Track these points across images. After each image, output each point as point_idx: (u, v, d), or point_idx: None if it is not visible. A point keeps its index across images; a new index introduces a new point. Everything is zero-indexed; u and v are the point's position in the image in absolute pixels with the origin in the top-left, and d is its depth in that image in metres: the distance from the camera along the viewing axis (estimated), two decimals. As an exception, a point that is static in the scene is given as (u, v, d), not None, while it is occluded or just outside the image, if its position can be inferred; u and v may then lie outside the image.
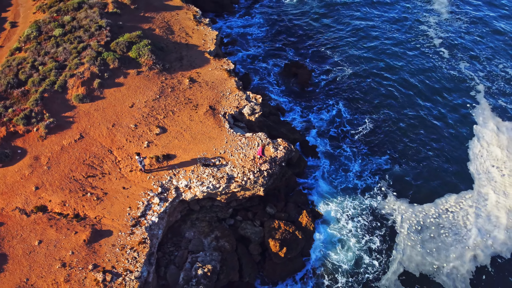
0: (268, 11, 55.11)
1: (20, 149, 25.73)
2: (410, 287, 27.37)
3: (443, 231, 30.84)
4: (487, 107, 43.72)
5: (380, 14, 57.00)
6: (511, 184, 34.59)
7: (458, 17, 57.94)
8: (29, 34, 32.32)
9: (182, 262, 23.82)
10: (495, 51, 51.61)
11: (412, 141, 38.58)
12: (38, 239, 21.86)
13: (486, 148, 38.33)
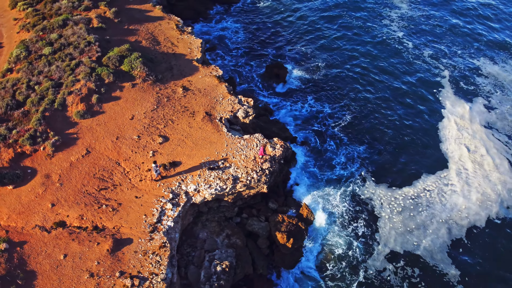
0: (244, 15, 56.83)
1: (29, 168, 26.35)
2: (395, 264, 29.98)
3: (421, 209, 33.75)
4: (451, 90, 47.42)
5: (347, 10, 59.92)
6: (479, 160, 38.16)
7: (418, 7, 61.90)
8: (19, 54, 32.58)
9: (200, 261, 25.35)
10: (453, 39, 55.74)
11: (387, 128, 41.53)
12: (63, 253, 22.79)
13: (455, 129, 41.76)
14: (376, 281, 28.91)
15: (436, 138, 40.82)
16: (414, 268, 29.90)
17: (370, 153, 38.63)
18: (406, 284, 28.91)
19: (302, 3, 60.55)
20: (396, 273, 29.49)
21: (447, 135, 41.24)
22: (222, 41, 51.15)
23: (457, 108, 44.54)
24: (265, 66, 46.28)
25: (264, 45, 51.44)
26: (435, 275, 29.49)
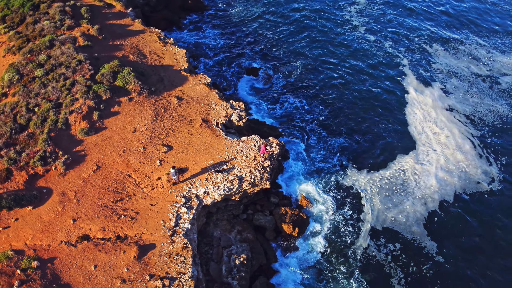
0: (217, 22, 58.65)
1: (45, 188, 27.27)
2: (378, 240, 33.12)
3: (396, 188, 37.28)
4: (413, 77, 51.63)
5: (312, 11, 63.13)
6: (444, 140, 42.17)
7: (374, 2, 66.17)
8: (11, 78, 33.01)
9: (219, 257, 27.34)
10: (409, 28, 60.29)
11: (361, 117, 44.95)
12: (93, 264, 24.09)
13: (420, 113, 45.75)
14: (363, 258, 31.82)
15: (404, 123, 44.63)
16: (395, 243, 33.23)
17: (348, 143, 41.76)
18: (389, 258, 32.07)
19: (269, 7, 63.03)
20: (379, 249, 32.66)
21: (414, 119, 45.14)
22: (201, 48, 52.83)
23: (420, 94, 48.66)
24: (245, 69, 48.50)
25: (242, 49, 53.61)
26: (414, 247, 32.82)
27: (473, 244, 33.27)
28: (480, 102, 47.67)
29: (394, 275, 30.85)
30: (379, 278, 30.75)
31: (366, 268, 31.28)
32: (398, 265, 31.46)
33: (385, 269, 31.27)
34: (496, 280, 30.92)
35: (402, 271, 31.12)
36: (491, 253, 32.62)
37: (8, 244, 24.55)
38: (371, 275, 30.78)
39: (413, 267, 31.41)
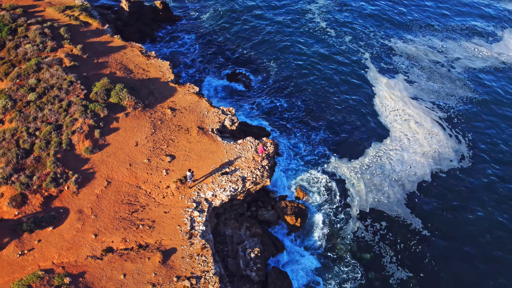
0: (191, 30, 60.19)
1: (61, 208, 28.25)
2: (365, 221, 36.59)
3: (375, 172, 40.95)
4: (375, 69, 55.88)
5: (279, 13, 66.07)
6: (414, 125, 46.41)
7: (333, 3, 70.13)
8: (4, 104, 33.36)
9: (235, 253, 29.48)
10: (365, 23, 64.69)
11: (336, 111, 48.58)
12: (121, 274, 25.55)
13: (390, 102, 49.88)
14: (354, 238, 35.15)
15: (376, 113, 48.58)
16: (381, 221, 36.76)
17: (328, 135, 45.16)
18: (377, 237, 35.51)
19: (238, 13, 65.22)
20: (367, 229, 36.09)
21: (384, 109, 49.15)
22: (178, 58, 54.29)
23: (385, 84, 52.85)
24: (225, 75, 50.60)
25: (219, 55, 55.63)
26: (398, 225, 36.57)
27: (454, 216, 37.35)
28: (442, 86, 52.42)
29: (386, 252, 34.30)
30: (373, 255, 34.10)
31: (362, 247, 34.51)
32: (387, 244, 34.94)
33: (377, 247, 34.66)
34: (478, 243, 35.15)
35: (391, 246, 34.62)
36: (470, 222, 36.84)
37: (36, 265, 25.50)
38: (366, 253, 34.07)
39: (404, 242, 35.02)
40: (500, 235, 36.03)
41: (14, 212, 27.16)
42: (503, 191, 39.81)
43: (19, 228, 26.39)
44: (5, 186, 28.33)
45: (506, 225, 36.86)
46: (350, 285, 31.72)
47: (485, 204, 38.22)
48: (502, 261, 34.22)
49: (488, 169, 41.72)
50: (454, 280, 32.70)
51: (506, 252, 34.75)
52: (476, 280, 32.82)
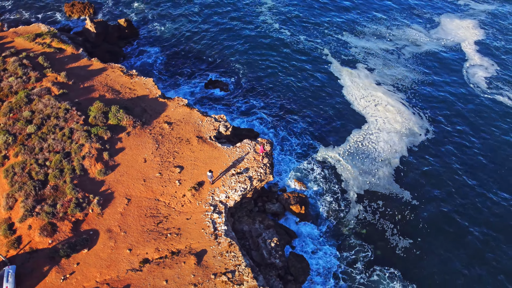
0: (156, 44, 61.42)
1: (90, 230, 29.60)
2: (363, 202, 41.13)
3: (361, 156, 45.75)
4: (337, 62, 60.89)
5: (231, 17, 69.11)
6: (384, 108, 51.87)
7: (282, 3, 74.52)
8: (5, 140, 33.69)
9: (256, 246, 32.41)
10: (316, 20, 69.60)
11: (310, 104, 52.98)
12: (163, 280, 27.64)
13: (357, 91, 54.96)
14: (357, 219, 39.60)
15: (348, 101, 53.39)
16: (378, 200, 41.51)
17: (309, 128, 49.20)
18: (377, 216, 40.14)
19: (198, 22, 67.37)
20: (374, 210, 40.67)
21: (354, 97, 54.10)
22: (152, 71, 55.67)
23: (349, 74, 57.91)
24: (203, 84, 52.99)
25: (189, 64, 57.77)
26: (392, 200, 41.49)
27: (432, 181, 42.98)
28: (396, 71, 58.40)
29: (387, 226, 38.98)
30: (376, 230, 38.60)
31: (365, 226, 38.90)
32: (386, 219, 39.62)
33: (378, 223, 39.23)
34: (454, 199, 41.19)
35: (390, 221, 39.37)
36: (444, 184, 42.73)
37: (81, 286, 26.89)
38: (368, 230, 38.49)
39: (399, 213, 39.93)
40: (467, 191, 42.23)
41: (47, 241, 28.20)
42: (464, 153, 46.26)
43: (57, 255, 27.57)
44: (31, 218, 29.20)
45: (468, 181, 43.16)
46: (362, 261, 35.94)
47: (453, 167, 44.37)
48: (470, 207, 40.41)
49: (449, 137, 48.10)
50: (444, 235, 38.21)
51: (472, 201, 41.03)
52: (456, 228, 38.72)
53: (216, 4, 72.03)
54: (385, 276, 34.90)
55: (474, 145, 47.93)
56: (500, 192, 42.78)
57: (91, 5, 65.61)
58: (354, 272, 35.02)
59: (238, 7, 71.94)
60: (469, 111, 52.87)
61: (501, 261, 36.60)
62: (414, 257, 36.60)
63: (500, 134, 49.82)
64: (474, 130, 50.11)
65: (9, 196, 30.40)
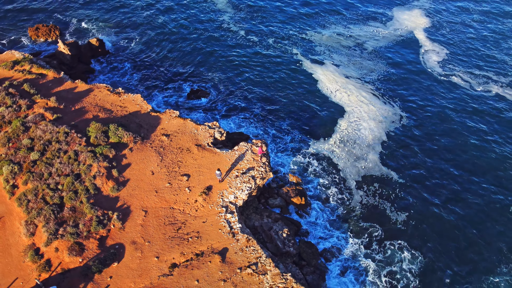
0: (128, 60, 62.23)
1: (116, 245, 30.90)
2: (361, 187, 45.03)
3: (351, 144, 49.73)
4: (307, 61, 64.71)
5: (197, 28, 71.20)
6: (358, 99, 56.13)
7: (239, 7, 77.26)
8: (12, 169, 34.07)
9: (270, 238, 35.00)
10: (280, 24, 73.13)
11: (290, 101, 56.39)
12: (195, 280, 29.58)
13: (329, 85, 58.94)
14: (360, 204, 43.35)
15: (324, 96, 57.25)
16: (375, 182, 45.48)
17: (296, 123, 52.52)
18: (377, 197, 44.05)
19: (166, 34, 68.78)
20: (370, 193, 44.54)
21: (329, 92, 58.01)
22: (131, 87, 56.61)
23: (320, 71, 61.85)
24: (186, 94, 54.79)
25: (163, 76, 59.31)
26: (385, 182, 45.59)
27: (411, 160, 47.57)
28: (362, 65, 63.00)
29: (385, 205, 43.05)
30: (377, 210, 42.49)
31: (367, 208, 42.63)
32: (383, 198, 43.69)
33: (376, 203, 43.15)
34: (432, 169, 46.20)
35: (387, 200, 43.47)
36: (421, 160, 47.50)
37: (118, 297, 28.31)
38: (371, 211, 42.34)
39: (393, 192, 44.13)
40: (440, 162, 47.50)
41: (77, 260, 29.28)
42: (433, 131, 51.61)
43: (89, 272, 28.75)
44: (56, 241, 30.09)
45: (440, 154, 48.48)
46: (375, 240, 39.79)
47: (426, 145, 49.62)
48: (445, 175, 45.47)
49: (419, 119, 53.25)
50: (430, 204, 43.31)
51: (446, 170, 46.16)
52: (438, 195, 43.69)
53: (180, 16, 73.58)
54: (396, 249, 39.28)
55: (440, 123, 53.34)
56: (463, 155, 48.83)
57: (56, 27, 65.17)
58: (372, 252, 38.89)
59: (200, 16, 73.91)
60: (432, 94, 58.37)
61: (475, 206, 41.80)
62: (412, 227, 41.24)
63: (459, 110, 55.59)
64: (438, 110, 55.57)
65: (29, 223, 31.07)
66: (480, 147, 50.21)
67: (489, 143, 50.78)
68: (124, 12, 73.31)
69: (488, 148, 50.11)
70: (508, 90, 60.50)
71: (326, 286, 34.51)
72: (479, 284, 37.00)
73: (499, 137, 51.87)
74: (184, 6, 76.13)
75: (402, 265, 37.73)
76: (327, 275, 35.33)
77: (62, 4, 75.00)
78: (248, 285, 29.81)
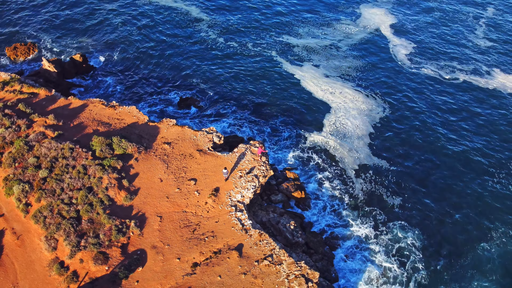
0: (111, 74, 62.89)
1: (138, 250, 32.25)
2: (358, 176, 48.21)
3: (342, 136, 52.89)
4: (287, 63, 67.56)
5: (176, 38, 72.70)
6: (339, 94, 59.48)
7: (214, 19, 79.47)
8: (23, 189, 34.67)
9: (279, 231, 37.28)
10: (258, 30, 75.84)
11: (278, 101, 58.92)
12: (217, 276, 31.43)
13: (312, 84, 62.01)
14: (360, 192, 46.49)
15: (310, 94, 60.20)
16: (369, 171, 48.79)
17: (287, 120, 55.29)
18: (373, 187, 47.24)
19: (142, 46, 69.74)
20: (366, 181, 47.77)
21: (313, 90, 60.98)
22: (119, 100, 57.45)
23: (301, 72, 64.86)
24: (176, 102, 56.25)
25: (148, 87, 60.49)
26: (377, 169, 49.01)
27: (397, 147, 51.50)
28: (340, 63, 66.56)
29: (380, 190, 46.57)
30: (376, 196, 46.06)
31: (368, 195, 45.88)
32: (378, 184, 47.15)
33: (375, 190, 46.49)
34: (421, 157, 50.13)
35: (382, 185, 46.82)
36: (405, 144, 51.72)
37: (148, 299, 29.75)
38: (372, 198, 45.75)
39: (386, 178, 47.58)
40: (424, 145, 51.46)
41: (104, 268, 30.49)
42: (414, 118, 55.89)
43: (117, 278, 30.04)
44: (80, 253, 31.15)
45: (422, 137, 52.51)
46: (381, 223, 43.43)
47: (410, 133, 53.87)
48: (430, 157, 49.43)
49: (400, 111, 57.35)
50: (420, 184, 47.61)
51: (432, 151, 50.20)
52: (425, 175, 47.74)
53: (157, 29, 74.60)
54: (399, 228, 43.03)
55: (417, 111, 57.58)
56: (445, 132, 52.98)
57: (35, 45, 64.90)
58: (376, 234, 42.32)
59: (177, 28, 75.30)
60: (406, 86, 62.62)
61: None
62: (409, 209, 45.05)
63: (433, 97, 60.06)
64: (414, 99, 59.82)
65: (49, 238, 31.92)
66: (454, 122, 55.70)
67: (461, 122, 56.16)
68: (101, 28, 73.48)
69: (461, 125, 55.73)
70: (473, 76, 65.73)
71: (335, 270, 37.19)
72: (474, 252, 41.10)
73: (467, 114, 57.68)
74: (161, 20, 76.99)
75: (407, 241, 41.67)
76: (334, 260, 38.05)
77: (36, 22, 74.37)
78: (267, 275, 32.00)
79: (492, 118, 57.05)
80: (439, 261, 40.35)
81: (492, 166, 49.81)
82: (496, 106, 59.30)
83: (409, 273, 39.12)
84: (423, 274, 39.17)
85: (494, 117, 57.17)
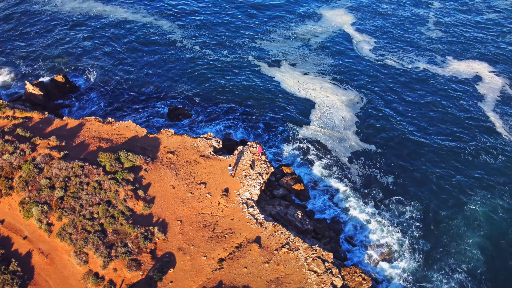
0: (94, 90, 63.65)
1: (166, 254, 34.25)
2: (352, 162, 52.45)
3: (331, 129, 57.00)
4: (265, 65, 70.97)
5: (163, 46, 74.28)
6: (320, 89, 63.72)
7: (186, 26, 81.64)
8: (42, 210, 35.62)
9: (288, 221, 40.47)
10: (229, 34, 78.97)
11: (261, 101, 62.42)
12: (243, 267, 34.08)
13: (291, 83, 65.80)
14: (356, 176, 50.66)
15: (291, 92, 63.91)
16: (361, 156, 53.18)
17: (277, 116, 58.81)
18: (366, 170, 51.59)
19: (122, 60, 70.74)
20: (363, 166, 52.06)
21: (295, 88, 64.79)
22: (106, 114, 58.36)
23: (279, 72, 68.62)
24: (166, 112, 58.06)
25: (135, 99, 61.88)
26: (367, 153, 53.63)
27: (383, 133, 56.34)
28: (313, 61, 70.89)
29: (375, 173, 50.92)
30: (371, 178, 50.51)
31: (364, 178, 50.30)
32: (371, 168, 51.72)
33: (370, 172, 50.98)
34: (403, 136, 54.90)
35: (374, 167, 51.41)
36: (396, 126, 56.69)
37: (184, 297, 31.91)
38: (368, 180, 50.06)
39: (376, 161, 52.14)
40: (403, 125, 56.52)
41: (139, 273, 32.31)
42: (392, 103, 61.16)
43: (152, 281, 31.99)
44: (112, 262, 32.75)
45: (401, 118, 57.68)
46: (382, 200, 48.26)
47: (391, 119, 59.33)
48: (410, 138, 54.69)
49: (377, 99, 62.70)
50: (406, 161, 53.27)
51: (411, 132, 55.48)
52: (410, 151, 52.40)
53: (130, 39, 75.80)
54: (397, 202, 48.15)
55: (392, 97, 63.11)
56: (418, 113, 58.39)
57: (10, 71, 64.16)
58: (377, 211, 47.06)
59: (151, 38, 76.82)
60: (376, 76, 68.03)
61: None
62: (402, 185, 50.24)
63: (401, 84, 65.76)
64: (386, 87, 65.47)
65: (78, 253, 33.26)
66: (423, 104, 62.20)
67: (428, 102, 62.84)
68: (73, 46, 73.52)
69: (429, 105, 62.71)
70: (430, 65, 72.26)
71: (343, 250, 40.92)
72: (462, 213, 47.10)
73: (433, 97, 64.16)
74: (132, 31, 78.13)
75: (406, 215, 46.79)
76: (341, 242, 41.79)
77: (4, 44, 73.16)
78: (287, 261, 35.11)
79: (453, 99, 63.55)
80: (436, 226, 45.72)
81: (463, 140, 56.26)
82: (454, 89, 66.02)
83: (412, 242, 44.13)
84: (423, 241, 44.18)
85: (455, 98, 63.75)
